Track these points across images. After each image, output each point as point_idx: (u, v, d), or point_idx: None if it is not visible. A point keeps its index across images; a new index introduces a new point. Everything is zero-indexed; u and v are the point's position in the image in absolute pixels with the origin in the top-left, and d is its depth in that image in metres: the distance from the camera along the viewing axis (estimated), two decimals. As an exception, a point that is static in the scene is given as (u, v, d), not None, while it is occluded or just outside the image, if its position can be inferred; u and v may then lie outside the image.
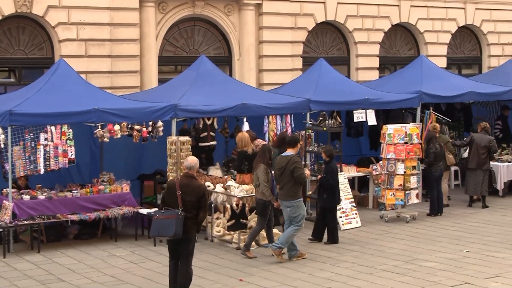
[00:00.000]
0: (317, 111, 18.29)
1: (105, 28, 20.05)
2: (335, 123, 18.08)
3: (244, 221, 15.14)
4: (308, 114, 18.24)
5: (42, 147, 15.12)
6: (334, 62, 22.50)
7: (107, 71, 20.05)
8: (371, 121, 19.30)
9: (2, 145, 15.04)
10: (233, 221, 15.13)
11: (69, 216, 15.37)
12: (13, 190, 15.52)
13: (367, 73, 24.37)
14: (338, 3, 23.73)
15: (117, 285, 12.46)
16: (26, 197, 15.37)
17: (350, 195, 17.37)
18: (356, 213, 17.17)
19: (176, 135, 16.36)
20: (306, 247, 14.78)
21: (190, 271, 11.33)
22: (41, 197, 15.48)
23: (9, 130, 14.87)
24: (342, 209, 16.86)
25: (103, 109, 15.48)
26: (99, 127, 15.59)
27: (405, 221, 17.45)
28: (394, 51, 25.76)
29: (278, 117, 17.73)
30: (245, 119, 17.49)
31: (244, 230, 15.13)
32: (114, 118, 15.65)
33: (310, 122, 18.11)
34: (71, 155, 15.35)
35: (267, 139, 17.37)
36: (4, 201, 15.26)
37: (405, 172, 17.46)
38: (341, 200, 16.46)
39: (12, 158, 15.10)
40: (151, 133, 16.20)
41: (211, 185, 15.85)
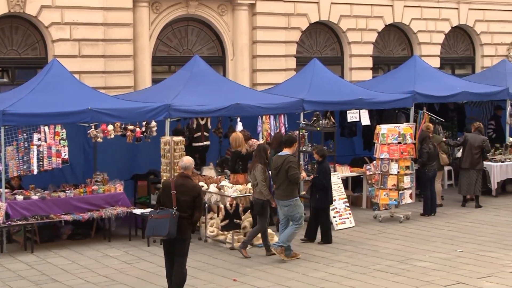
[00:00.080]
0: (310, 111, 18.30)
1: (98, 28, 20.03)
2: (329, 123, 18.09)
3: (238, 221, 15.14)
4: (301, 114, 18.25)
5: (35, 147, 15.09)
6: (328, 62, 22.51)
7: (100, 71, 20.03)
8: (364, 121, 19.32)
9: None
10: (226, 221, 15.13)
11: (62, 216, 15.34)
12: (6, 190, 15.48)
13: (360, 73, 24.39)
14: (331, 3, 23.75)
15: (111, 286, 12.45)
16: (20, 198, 15.34)
17: (344, 195, 17.37)
18: (349, 213, 17.18)
19: (169, 135, 16.34)
20: (300, 247, 14.78)
21: (185, 271, 11.33)
22: (35, 197, 15.44)
23: (2, 130, 14.84)
24: (336, 209, 16.87)
25: (96, 109, 15.46)
26: (93, 127, 15.56)
27: (398, 221, 17.46)
28: (387, 51, 25.79)
29: (271, 117, 17.73)
30: (238, 119, 17.50)
31: (237, 230, 15.13)
32: (107, 118, 15.63)
33: (304, 122, 18.12)
34: (65, 155, 15.32)
35: (260, 139, 17.38)
36: (-3, 201, 15.25)
37: (398, 172, 17.47)
38: (334, 200, 16.49)
39: (5, 158, 15.07)
40: (144, 133, 16.18)
41: (204, 185, 15.84)
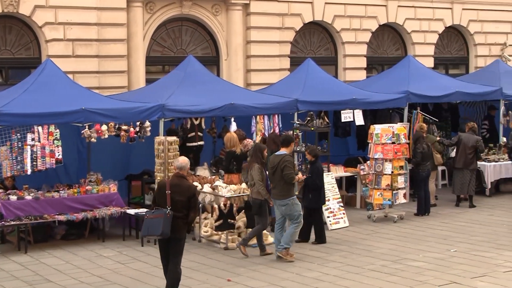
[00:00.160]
0: (304, 111, 18.31)
1: (92, 28, 20.01)
2: (323, 123, 18.11)
3: (232, 221, 15.13)
4: (295, 114, 18.26)
5: (29, 147, 15.06)
6: (322, 62, 22.53)
7: (94, 71, 20.01)
8: (358, 121, 19.34)
9: (-11, 146, 15.02)
10: (220, 221, 15.11)
11: (56, 216, 15.32)
12: (0, 190, 15.46)
13: (354, 73, 24.41)
14: (325, 3, 23.77)
15: (105, 286, 12.43)
16: (13, 198, 15.29)
17: (338, 195, 17.38)
18: (343, 213, 17.19)
19: (163, 135, 16.34)
20: (294, 247, 14.73)
21: (179, 270, 11.35)
22: (28, 197, 15.41)
23: (-5, 130, 14.85)
24: (330, 209, 16.88)
25: (90, 109, 15.45)
26: (86, 127, 15.54)
27: (392, 221, 17.48)
28: (381, 51, 25.82)
29: (265, 117, 17.73)
30: (232, 119, 17.50)
31: (232, 230, 15.12)
32: (101, 118, 15.62)
33: (298, 122, 18.12)
34: (58, 155, 15.30)
35: (254, 139, 17.38)
36: (-10, 201, 15.22)
37: (392, 172, 17.48)
38: (328, 200, 16.50)
39: (-1, 158, 15.08)
40: (138, 133, 16.16)
41: (198, 185, 15.82)
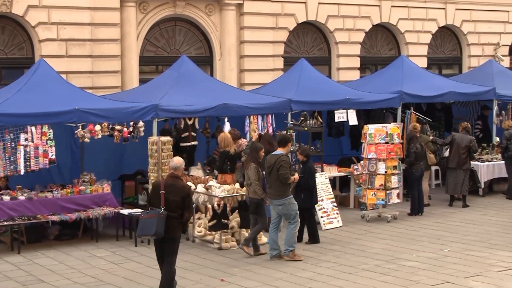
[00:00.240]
0: (298, 111, 18.32)
1: (85, 28, 19.99)
2: (316, 123, 18.11)
3: (226, 221, 15.12)
4: (289, 114, 18.26)
5: (22, 147, 15.03)
6: (315, 62, 22.56)
7: (87, 71, 19.99)
8: (352, 121, 19.35)
9: (-18, 146, 14.98)
10: (214, 221, 15.10)
11: (49, 216, 15.29)
12: (-7, 190, 15.46)
13: (348, 73, 24.43)
14: (319, 3, 23.78)
15: (98, 286, 12.41)
16: (6, 198, 15.26)
17: (331, 195, 17.39)
18: (337, 213, 17.19)
19: (157, 135, 16.33)
20: (288, 247, 14.77)
21: (174, 270, 11.39)
22: (21, 197, 15.38)
23: (-11, 130, 14.81)
24: (324, 209, 16.89)
25: (83, 109, 15.43)
26: (80, 127, 15.53)
27: (386, 220, 17.49)
28: (375, 51, 25.84)
29: (259, 117, 17.74)
30: (226, 119, 17.50)
31: (225, 230, 15.11)
32: (94, 118, 15.61)
33: (291, 122, 18.13)
34: (52, 155, 15.28)
35: (248, 139, 17.37)
36: (-16, 202, 15.18)
37: (386, 172, 17.49)
38: (321, 200, 16.52)
39: (-8, 158, 15.05)
40: (132, 133, 16.15)
41: (192, 185, 15.81)
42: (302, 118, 17.98)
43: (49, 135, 15.20)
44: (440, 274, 12.80)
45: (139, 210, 15.71)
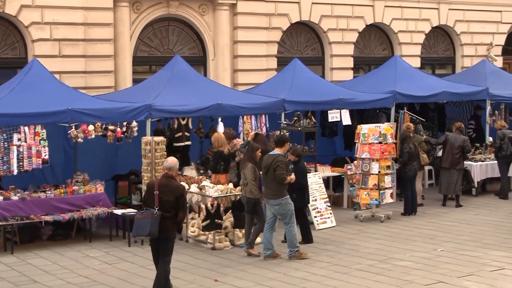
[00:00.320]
0: (291, 111, 18.32)
1: (79, 28, 19.95)
2: (310, 123, 18.12)
3: (219, 221, 15.11)
4: (282, 114, 18.26)
5: (15, 147, 15.00)
6: (309, 62, 22.56)
7: (81, 71, 19.95)
8: (345, 121, 19.36)
9: (-25, 146, 14.94)
10: (208, 221, 15.09)
11: (43, 217, 15.26)
12: (-14, 191, 15.43)
13: (341, 73, 24.44)
14: (312, 3, 23.79)
15: (92, 286, 12.40)
16: (-1, 198, 15.28)
17: (325, 195, 17.39)
18: (331, 213, 17.20)
19: (150, 135, 16.31)
20: (281, 247, 14.76)
21: (168, 269, 11.44)
22: (15, 198, 15.34)
23: (-18, 130, 14.78)
24: (317, 208, 16.89)
25: (77, 109, 15.41)
26: (73, 127, 15.50)
27: (379, 220, 17.51)
28: (368, 51, 25.86)
29: (253, 117, 17.73)
30: (219, 119, 17.49)
31: (219, 230, 15.11)
32: (88, 118, 15.58)
33: (285, 122, 18.12)
34: (45, 155, 15.25)
35: (241, 139, 17.37)
36: (-23, 202, 15.14)
37: (379, 172, 17.50)
38: (315, 200, 16.52)
39: (-15, 158, 15.01)
40: (125, 133, 16.13)
41: (186, 186, 15.80)
42: (296, 118, 17.98)
43: (42, 135, 15.18)
44: (433, 273, 12.82)
45: (133, 210, 15.73)
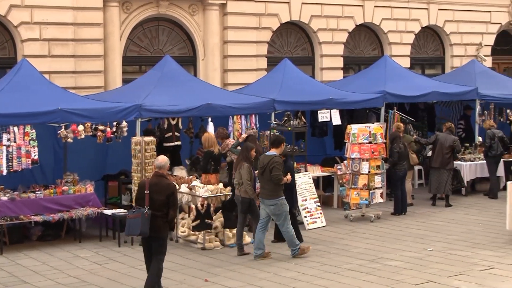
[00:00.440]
0: (281, 111, 18.31)
1: (68, 27, 19.91)
2: (300, 123, 18.12)
3: (209, 221, 15.10)
4: (272, 114, 18.25)
5: (4, 147, 14.94)
6: (299, 62, 22.58)
7: (70, 71, 19.91)
8: (335, 121, 19.38)
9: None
10: (198, 221, 15.08)
11: (32, 217, 15.22)
12: (-25, 191, 15.38)
13: (331, 73, 24.46)
14: (302, 3, 23.81)
15: (81, 287, 12.37)
16: (-11, 199, 15.23)
17: (315, 195, 17.40)
18: (321, 213, 17.21)
19: (140, 135, 16.28)
20: (271, 247, 14.76)
21: (161, 266, 11.51)
22: (4, 198, 15.29)
23: (-29, 130, 14.73)
24: (307, 208, 16.90)
25: (66, 109, 15.38)
26: (63, 127, 15.47)
27: (369, 220, 17.53)
28: (358, 51, 25.89)
29: (243, 117, 17.73)
30: (210, 119, 17.50)
31: (209, 230, 15.09)
32: (78, 118, 15.56)
33: (275, 122, 18.12)
34: (34, 155, 15.22)
35: (232, 139, 17.36)
36: (-34, 202, 15.09)
37: (369, 172, 17.52)
38: (304, 200, 16.52)
39: (-26, 159, 14.96)
40: (115, 134, 16.11)
41: (176, 185, 15.78)
42: (286, 118, 17.98)
43: (31, 135, 15.14)
44: (423, 273, 12.84)
45: (123, 211, 15.73)
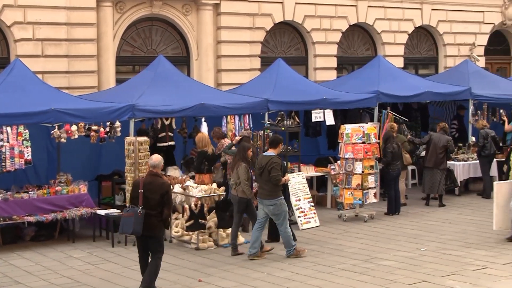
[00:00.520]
0: (275, 111, 18.31)
1: (62, 27, 19.88)
2: (293, 123, 18.12)
3: (203, 221, 15.09)
4: (266, 114, 18.26)
5: (-3, 148, 14.95)
6: (292, 62, 22.59)
7: (64, 71, 19.89)
8: (329, 121, 19.39)
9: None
10: (191, 221, 15.07)
11: (25, 217, 15.19)
12: (-32, 191, 15.34)
13: (325, 73, 24.47)
14: (296, 3, 23.82)
15: (75, 287, 12.35)
16: (-18, 199, 15.19)
17: (309, 195, 17.39)
18: (314, 213, 17.21)
19: (134, 136, 16.27)
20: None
21: (159, 265, 11.59)
22: (-3, 198, 15.30)
23: (-36, 131, 14.69)
24: (301, 208, 16.90)
25: (60, 109, 15.36)
26: (56, 127, 15.44)
27: (363, 220, 17.54)
28: (351, 51, 25.91)
29: (236, 117, 17.74)
30: (203, 119, 17.49)
31: (202, 231, 15.09)
32: (71, 118, 15.54)
33: (269, 122, 18.12)
34: (28, 156, 15.19)
35: (227, 139, 17.34)
36: (-41, 203, 15.06)
37: (363, 172, 17.53)
38: (298, 200, 16.53)
39: (-33, 159, 14.93)
40: (108, 134, 16.09)
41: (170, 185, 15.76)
42: (279, 118, 17.97)
43: (25, 135, 15.11)
44: (416, 273, 12.85)
45: (116, 211, 15.71)
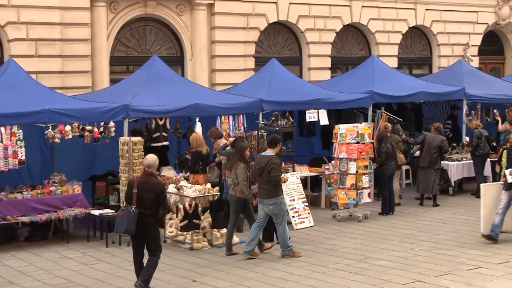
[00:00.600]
0: (269, 111, 18.32)
1: (55, 27, 19.85)
2: (288, 123, 18.14)
3: (197, 221, 15.09)
4: (260, 114, 18.27)
5: (-9, 148, 14.93)
6: (286, 62, 22.59)
7: (58, 71, 19.86)
8: (323, 121, 19.41)
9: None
10: (186, 221, 15.06)
11: (19, 218, 15.17)
12: (-38, 192, 15.32)
13: (319, 73, 24.48)
14: (290, 3, 23.82)
15: (69, 287, 12.34)
16: (-25, 199, 15.16)
17: (303, 195, 17.39)
18: (308, 213, 17.21)
19: (128, 136, 16.26)
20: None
21: (157, 262, 11.69)
22: (-9, 199, 15.27)
23: (-43, 131, 14.67)
24: (295, 208, 16.90)
25: (53, 109, 15.34)
26: (50, 127, 15.43)
27: (357, 220, 17.55)
28: (345, 51, 25.92)
29: (230, 117, 17.74)
30: (197, 119, 17.49)
31: (197, 231, 15.09)
32: (65, 118, 15.52)
33: (263, 122, 18.13)
34: (21, 156, 15.17)
35: (223, 139, 17.33)
36: (-48, 203, 15.03)
37: (357, 172, 17.55)
38: (292, 200, 16.52)
39: (-39, 159, 14.90)
40: (102, 134, 16.08)
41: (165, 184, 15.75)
42: (273, 118, 17.99)
43: (18, 135, 15.09)
44: (411, 273, 12.87)
45: (110, 211, 15.70)
